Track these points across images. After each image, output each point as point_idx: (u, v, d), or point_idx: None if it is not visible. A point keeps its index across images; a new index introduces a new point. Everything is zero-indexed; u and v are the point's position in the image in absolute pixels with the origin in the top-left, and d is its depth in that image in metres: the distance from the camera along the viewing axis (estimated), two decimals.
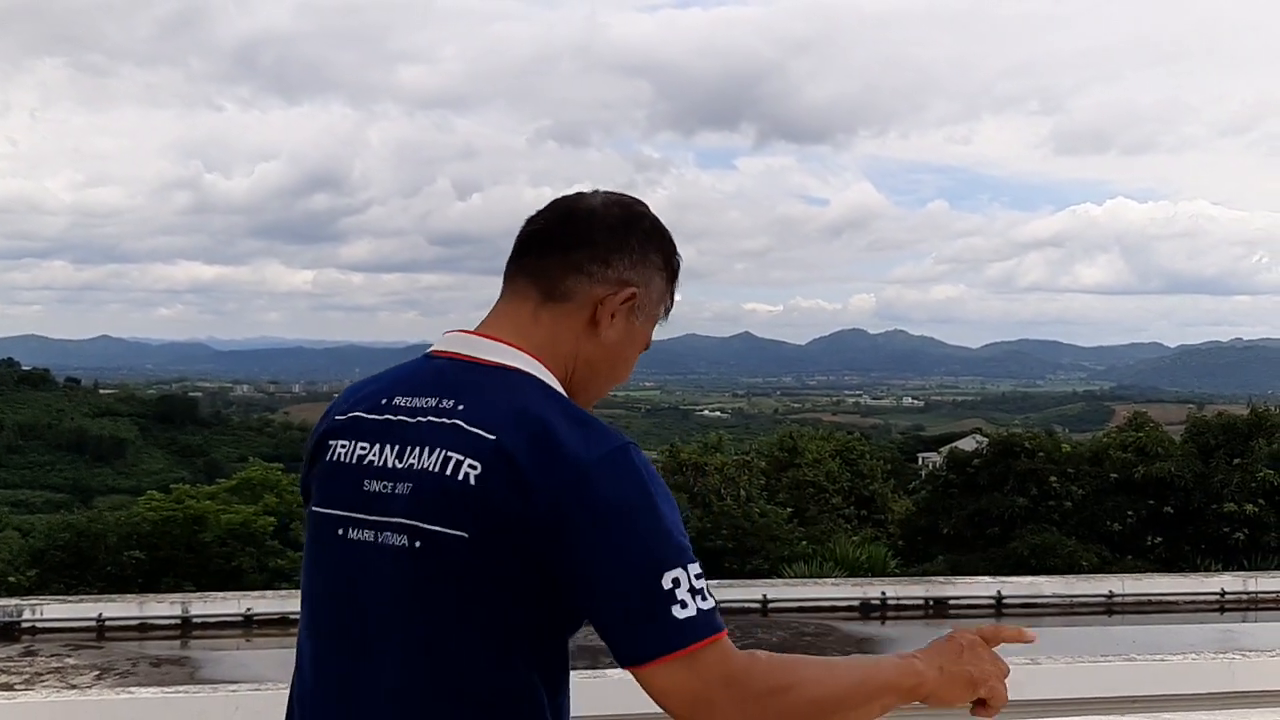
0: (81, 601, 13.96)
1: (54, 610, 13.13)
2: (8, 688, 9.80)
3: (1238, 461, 26.23)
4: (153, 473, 69.19)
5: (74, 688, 10.05)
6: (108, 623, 12.88)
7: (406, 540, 1.42)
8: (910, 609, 15.08)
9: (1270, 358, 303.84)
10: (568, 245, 1.55)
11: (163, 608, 13.48)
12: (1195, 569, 21.27)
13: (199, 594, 14.97)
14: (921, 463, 42.98)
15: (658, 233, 1.61)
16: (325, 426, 1.57)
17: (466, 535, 1.38)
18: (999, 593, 15.11)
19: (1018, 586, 15.46)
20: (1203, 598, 15.56)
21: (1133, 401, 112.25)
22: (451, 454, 1.41)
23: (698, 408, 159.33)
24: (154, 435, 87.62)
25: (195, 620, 13.28)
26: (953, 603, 15.17)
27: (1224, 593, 15.60)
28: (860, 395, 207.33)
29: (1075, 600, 15.43)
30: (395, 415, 1.50)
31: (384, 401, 1.52)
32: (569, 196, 1.61)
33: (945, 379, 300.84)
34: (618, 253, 1.55)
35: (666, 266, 1.62)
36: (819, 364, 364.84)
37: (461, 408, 1.45)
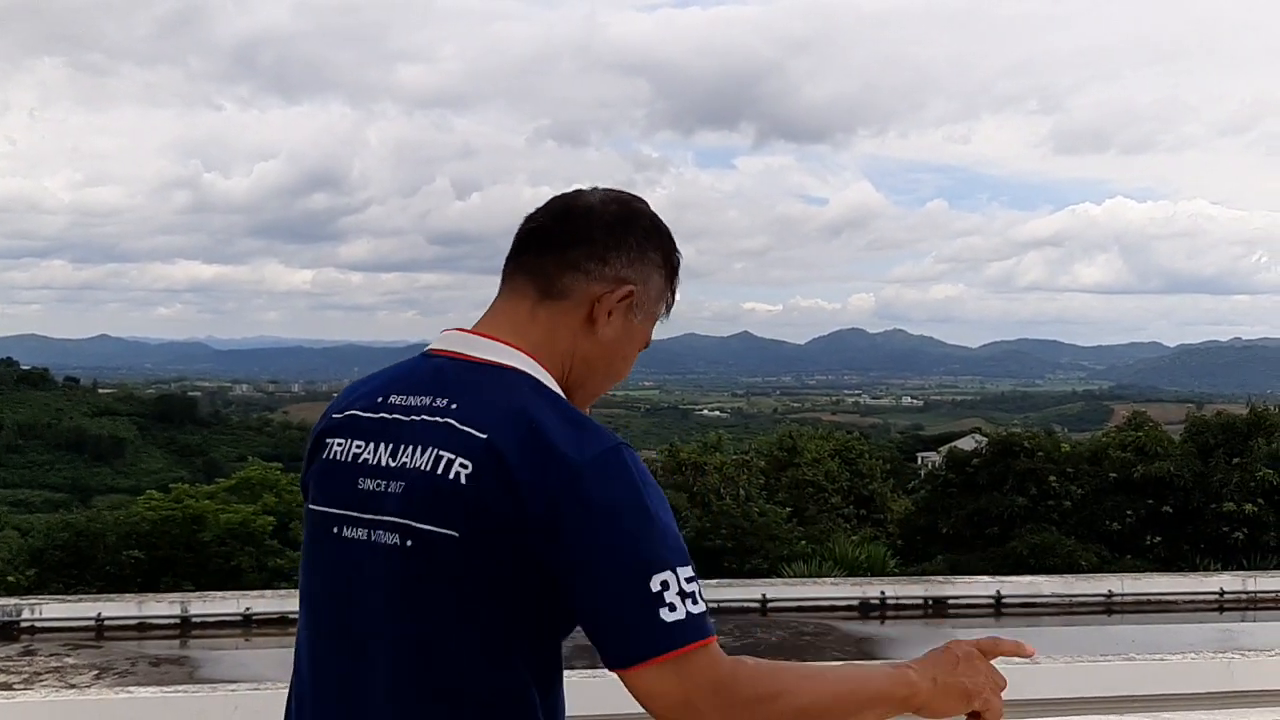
0: (80, 601, 13.96)
1: (53, 610, 13.12)
2: (7, 687, 9.80)
3: (1237, 461, 26.23)
4: (152, 472, 69.18)
5: (73, 687, 10.04)
6: (107, 622, 12.88)
7: (398, 539, 1.42)
8: (909, 608, 15.08)
9: (1269, 357, 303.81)
10: (565, 243, 1.54)
11: (162, 607, 13.48)
12: (1194, 568, 21.26)
13: (198, 593, 14.96)
14: (921, 462, 42.97)
15: (656, 230, 1.60)
16: (323, 425, 1.57)
17: (457, 534, 1.38)
18: (998, 592, 15.11)
19: (1017, 586, 15.46)
20: (1202, 597, 15.57)
21: (1132, 401, 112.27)
22: (443, 453, 1.41)
23: (697, 407, 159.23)
24: (153, 435, 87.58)
25: (194, 620, 13.27)
26: (952, 602, 15.17)
27: (1223, 592, 15.61)
28: (859, 395, 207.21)
29: (1074, 600, 15.43)
30: (391, 414, 1.49)
31: (380, 400, 1.52)
32: (567, 194, 1.60)
33: (944, 378, 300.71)
34: (615, 250, 1.54)
35: (666, 264, 1.60)
36: (818, 363, 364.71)
37: (455, 406, 1.44)
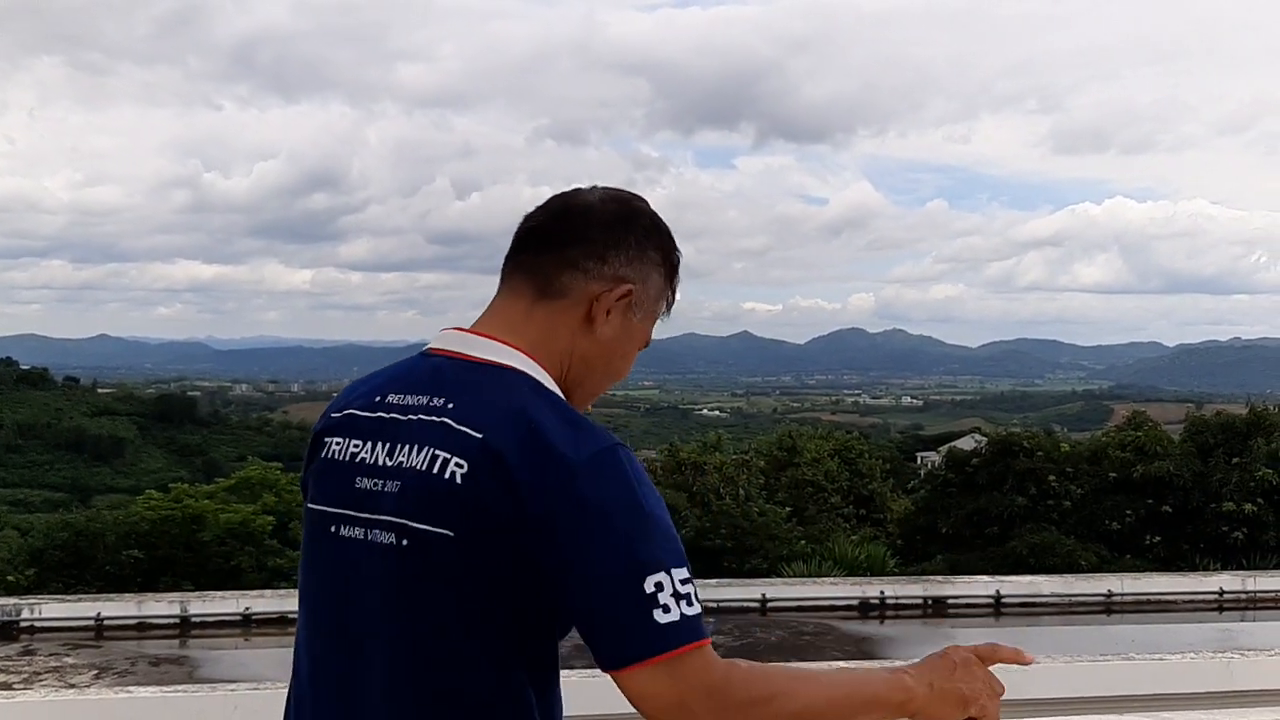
0: (80, 601, 13.97)
1: (52, 609, 13.13)
2: (6, 687, 9.80)
3: (1236, 461, 26.22)
4: (151, 472, 69.15)
5: (72, 687, 10.05)
6: (106, 622, 12.89)
7: (394, 538, 1.42)
8: (909, 608, 15.09)
9: (1269, 357, 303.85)
10: (564, 242, 1.53)
11: (161, 607, 13.49)
12: (1194, 568, 21.26)
13: (197, 593, 14.97)
14: (920, 462, 42.95)
15: (656, 229, 1.59)
16: (322, 424, 1.58)
17: (452, 534, 1.38)
18: (998, 592, 15.12)
19: (1016, 586, 15.47)
20: (1201, 597, 15.58)
21: (1131, 401, 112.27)
22: (439, 452, 1.40)
23: (696, 407, 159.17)
24: (153, 434, 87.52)
25: (194, 619, 13.28)
26: (951, 602, 15.18)
27: (1222, 592, 15.62)
28: (859, 394, 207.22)
29: (1074, 599, 15.44)
30: (388, 413, 1.49)
31: (378, 399, 1.52)
32: (567, 193, 1.59)
33: (944, 378, 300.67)
34: (614, 249, 1.53)
35: (665, 263, 1.59)
36: (818, 363, 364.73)
37: (451, 406, 1.44)
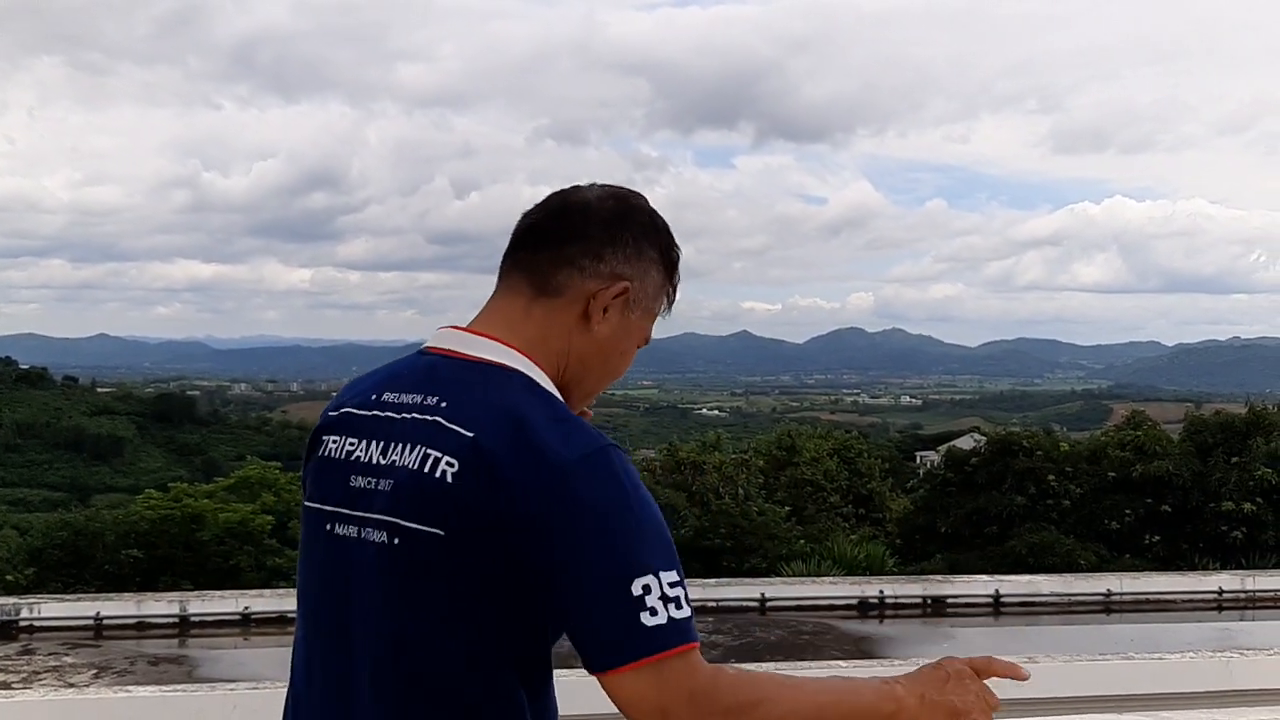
0: (79, 600, 13.96)
1: (52, 609, 13.12)
2: (6, 686, 9.80)
3: (1236, 460, 26.20)
4: (150, 471, 69.07)
5: (72, 686, 10.05)
6: (105, 621, 12.88)
7: (386, 537, 1.42)
8: (908, 607, 15.08)
9: (1268, 356, 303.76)
10: (561, 239, 1.53)
11: (160, 606, 13.48)
12: (1193, 568, 21.26)
13: (197, 593, 14.97)
14: (919, 461, 42.93)
15: (654, 226, 1.58)
16: (320, 422, 1.58)
17: (443, 533, 1.37)
18: (997, 591, 15.12)
19: (1016, 585, 15.47)
20: (1200, 596, 15.58)
21: (1130, 400, 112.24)
22: (430, 451, 1.40)
23: (696, 406, 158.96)
24: (152, 434, 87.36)
25: (193, 619, 13.27)
26: (951, 601, 15.17)
27: (1222, 591, 15.62)
28: (858, 394, 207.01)
29: (1073, 599, 15.43)
30: (383, 411, 1.49)
31: (374, 397, 1.52)
32: (565, 190, 1.59)
33: (943, 378, 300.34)
34: (611, 246, 1.53)
35: (664, 260, 1.58)
36: (817, 363, 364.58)
37: (444, 405, 1.44)
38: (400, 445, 1.44)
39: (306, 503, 1.56)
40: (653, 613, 1.31)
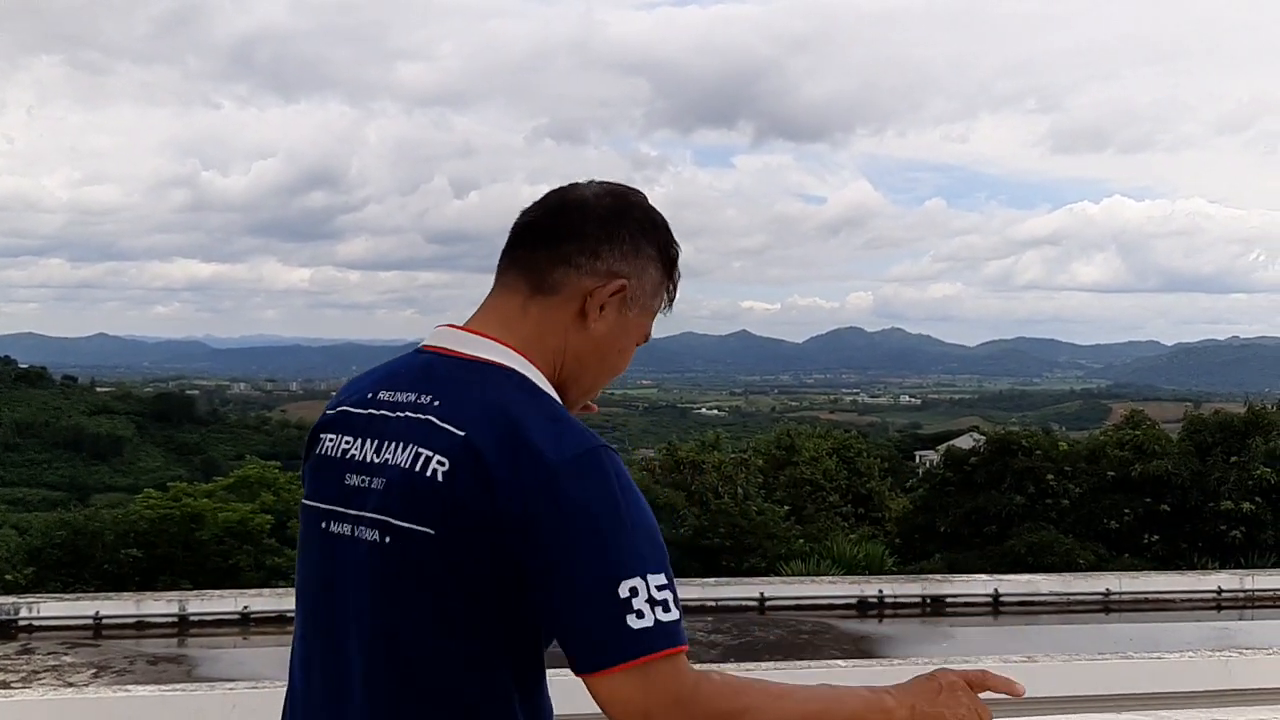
0: (78, 599, 13.95)
1: (51, 608, 13.11)
2: (5, 685, 9.79)
3: (1235, 459, 26.21)
4: (150, 471, 69.07)
5: (71, 686, 10.04)
6: (105, 621, 12.87)
7: (378, 535, 1.42)
8: (907, 607, 15.07)
9: (1267, 355, 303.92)
10: (557, 237, 1.53)
11: (160, 606, 13.47)
12: (1192, 567, 21.25)
13: (196, 592, 14.96)
14: (919, 461, 42.94)
15: (651, 223, 1.57)
16: (319, 420, 1.58)
17: (433, 532, 1.37)
18: (996, 591, 15.11)
19: (1015, 584, 15.47)
20: (1199, 596, 15.58)
21: (1130, 399, 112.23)
22: (422, 450, 1.40)
23: (695, 406, 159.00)
24: (151, 433, 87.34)
25: (192, 618, 13.26)
26: (950, 601, 15.16)
27: (1221, 590, 15.62)
28: (857, 393, 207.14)
29: (1072, 598, 15.43)
30: (378, 410, 1.49)
31: (370, 396, 1.52)
32: (563, 188, 1.59)
33: (942, 377, 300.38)
34: (608, 244, 1.52)
35: (662, 257, 1.58)
36: (816, 362, 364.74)
37: (437, 403, 1.44)
38: (393, 444, 1.44)
39: (304, 501, 1.56)
40: (639, 615, 1.30)
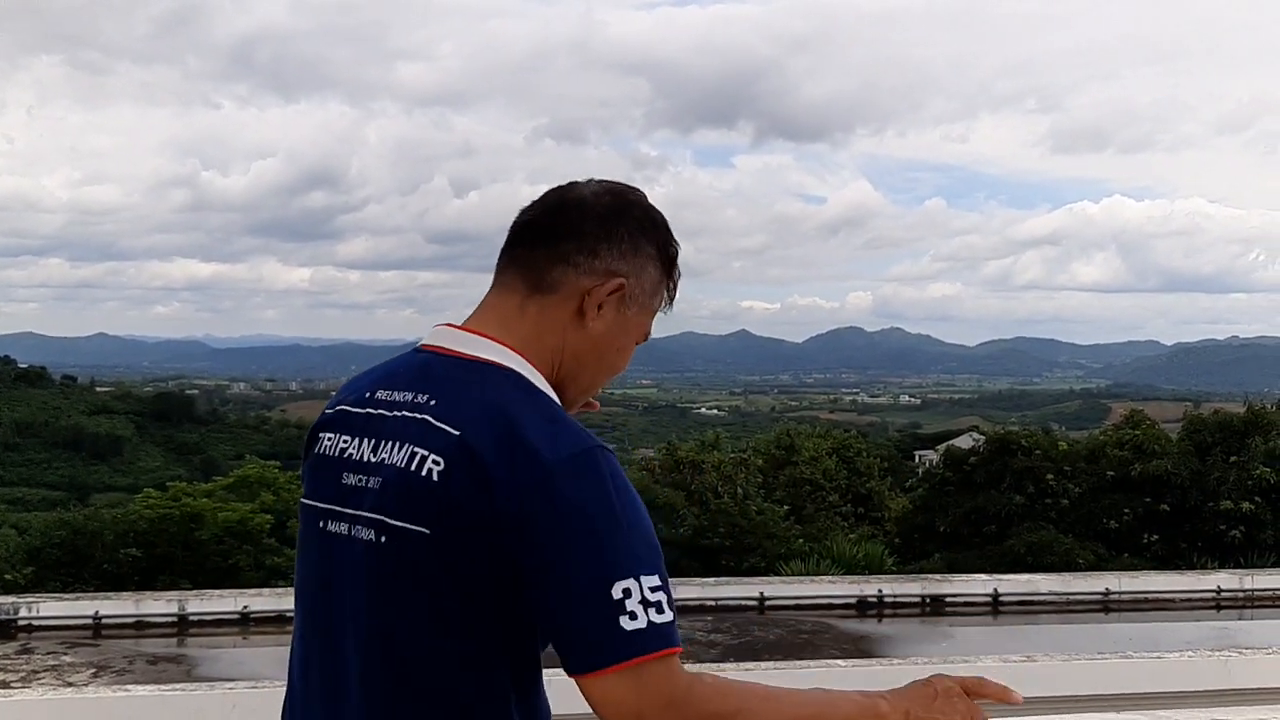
0: (78, 599, 13.95)
1: (50, 608, 13.11)
2: (4, 685, 9.79)
3: (1234, 459, 26.22)
4: (149, 470, 69.04)
5: (70, 685, 10.04)
6: (104, 620, 12.87)
7: (374, 535, 1.42)
8: (907, 606, 15.08)
9: (1266, 355, 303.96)
10: (556, 236, 1.52)
11: (159, 605, 13.47)
12: (1192, 567, 21.25)
13: (195, 592, 14.96)
14: (918, 460, 42.93)
15: (650, 221, 1.57)
16: (318, 419, 1.59)
17: (428, 531, 1.37)
18: (995, 590, 15.12)
19: (1014, 584, 15.47)
20: (1199, 595, 15.58)
21: (1129, 399, 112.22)
22: (418, 449, 1.40)
23: (695, 406, 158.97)
24: (150, 433, 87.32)
25: (192, 618, 13.26)
26: (949, 600, 15.17)
27: (1220, 590, 15.62)
28: (857, 393, 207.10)
29: (1072, 598, 15.43)
30: (376, 409, 1.50)
31: (368, 395, 1.52)
32: (562, 186, 1.58)
33: (942, 377, 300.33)
34: (606, 243, 1.52)
35: (661, 256, 1.57)
36: (816, 362, 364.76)
37: (434, 403, 1.44)
38: (390, 443, 1.44)
39: (302, 500, 1.57)
40: (632, 617, 1.30)
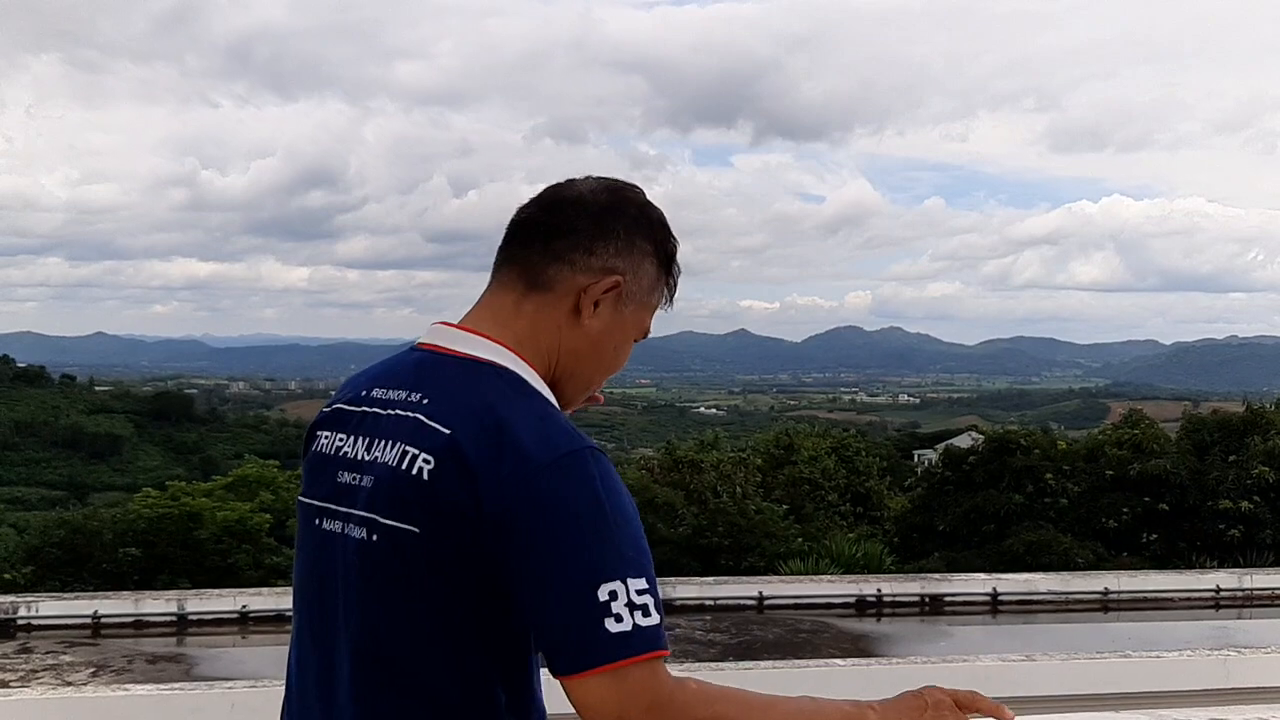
0: (77, 598, 13.93)
1: (49, 607, 13.10)
2: (3, 685, 9.79)
3: (1233, 458, 26.24)
4: (148, 470, 69.07)
5: (70, 685, 10.03)
6: (103, 620, 12.86)
7: (365, 533, 1.42)
8: (906, 606, 15.07)
9: (1265, 355, 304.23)
10: (552, 234, 1.52)
11: (158, 605, 13.46)
12: (1190, 566, 21.26)
13: (195, 591, 14.95)
14: (917, 460, 42.99)
15: (647, 218, 1.56)
16: (316, 418, 1.59)
17: (418, 530, 1.37)
18: (994, 589, 15.11)
19: (1013, 583, 15.46)
20: (1198, 594, 15.57)
21: (1128, 399, 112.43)
22: (409, 448, 1.40)
23: (694, 405, 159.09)
24: (149, 432, 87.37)
25: (191, 617, 13.25)
26: (948, 599, 15.16)
27: (1219, 589, 15.61)
28: (856, 392, 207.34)
29: (1071, 597, 15.42)
30: (370, 407, 1.50)
31: (363, 393, 1.52)
32: (559, 184, 1.58)
33: (941, 376, 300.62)
34: (602, 240, 1.51)
35: (659, 253, 1.56)
36: (815, 361, 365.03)
37: (426, 401, 1.43)
38: (383, 441, 1.44)
39: (300, 498, 1.57)
40: (617, 619, 1.29)
